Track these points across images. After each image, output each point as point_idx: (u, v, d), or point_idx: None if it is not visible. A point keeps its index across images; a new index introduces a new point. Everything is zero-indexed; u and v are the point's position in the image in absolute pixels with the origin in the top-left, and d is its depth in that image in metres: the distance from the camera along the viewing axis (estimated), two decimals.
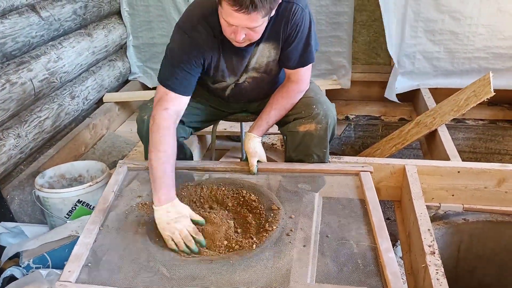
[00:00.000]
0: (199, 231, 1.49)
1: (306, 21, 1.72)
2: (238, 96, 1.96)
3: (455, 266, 2.26)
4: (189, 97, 1.72)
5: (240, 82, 1.88)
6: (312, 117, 1.80)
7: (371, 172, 1.79)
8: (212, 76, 1.82)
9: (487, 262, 2.24)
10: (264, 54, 1.78)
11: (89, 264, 1.41)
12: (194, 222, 1.50)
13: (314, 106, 1.81)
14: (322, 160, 1.88)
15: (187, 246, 1.43)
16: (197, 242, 1.46)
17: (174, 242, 1.44)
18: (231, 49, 1.70)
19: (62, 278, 1.34)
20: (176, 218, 1.46)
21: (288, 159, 1.91)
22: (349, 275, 1.35)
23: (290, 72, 1.84)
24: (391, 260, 1.36)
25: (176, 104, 1.67)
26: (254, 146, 1.82)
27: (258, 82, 1.89)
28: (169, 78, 1.67)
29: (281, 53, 1.78)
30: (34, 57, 2.41)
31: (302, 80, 1.84)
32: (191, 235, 1.46)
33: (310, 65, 1.84)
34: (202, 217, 1.55)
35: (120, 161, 1.92)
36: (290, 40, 1.73)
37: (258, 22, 1.50)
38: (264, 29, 1.60)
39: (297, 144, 1.85)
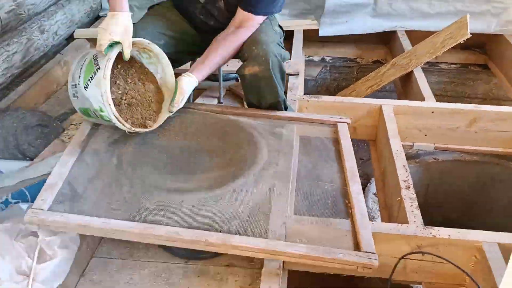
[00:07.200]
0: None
1: None
2: (210, 12, 1.84)
3: (423, 203, 2.37)
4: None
5: None
6: (253, 58, 1.71)
7: (348, 124, 1.82)
8: None
9: (454, 199, 2.36)
10: None
11: (64, 192, 1.39)
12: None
13: (254, 47, 1.71)
14: (276, 100, 1.82)
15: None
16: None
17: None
18: None
19: (34, 205, 1.34)
20: (108, 27, 1.46)
21: (247, 102, 1.89)
22: (320, 212, 1.42)
23: (238, 13, 1.75)
24: (360, 201, 1.43)
25: None
26: (187, 86, 1.67)
27: (232, 6, 1.79)
28: None
29: None
30: None
31: (246, 27, 1.75)
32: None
33: (261, 17, 1.75)
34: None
35: None
36: None
37: None
38: None
39: (248, 86, 1.80)
